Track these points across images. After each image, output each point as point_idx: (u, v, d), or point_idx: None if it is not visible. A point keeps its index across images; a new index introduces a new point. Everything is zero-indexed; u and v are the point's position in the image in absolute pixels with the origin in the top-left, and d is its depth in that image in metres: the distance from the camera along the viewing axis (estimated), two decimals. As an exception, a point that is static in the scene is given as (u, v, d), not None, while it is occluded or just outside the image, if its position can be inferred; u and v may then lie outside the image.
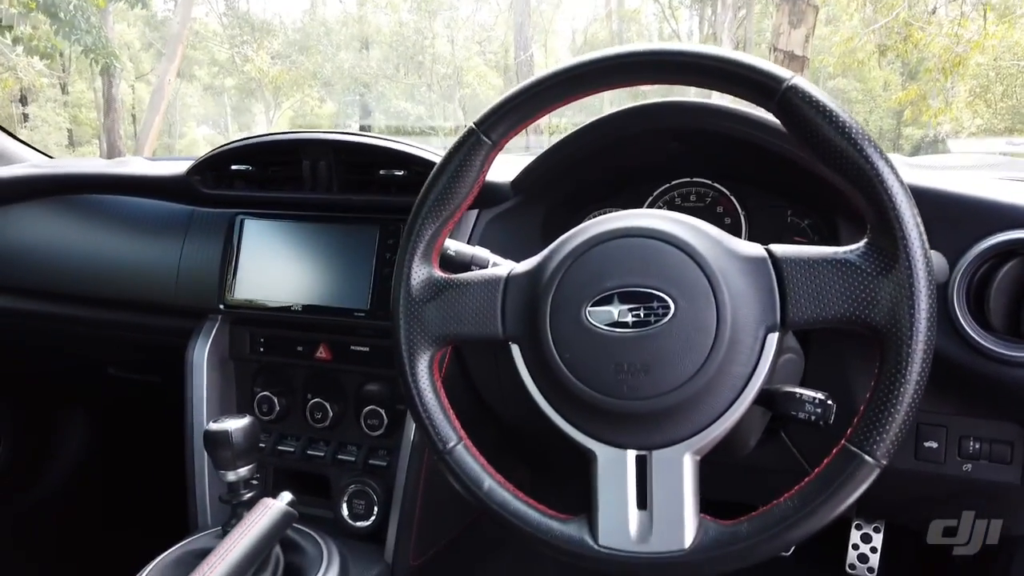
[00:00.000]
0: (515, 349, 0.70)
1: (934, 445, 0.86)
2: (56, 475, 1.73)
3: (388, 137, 1.01)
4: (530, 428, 1.06)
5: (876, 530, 1.33)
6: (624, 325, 0.63)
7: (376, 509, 1.01)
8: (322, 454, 1.07)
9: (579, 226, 0.70)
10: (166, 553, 0.93)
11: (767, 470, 0.97)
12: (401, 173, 0.99)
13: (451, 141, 0.73)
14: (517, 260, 0.78)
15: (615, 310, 0.64)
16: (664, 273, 0.63)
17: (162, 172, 1.14)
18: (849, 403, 0.82)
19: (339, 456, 1.06)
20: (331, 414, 1.06)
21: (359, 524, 1.02)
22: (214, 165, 1.09)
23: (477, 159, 0.71)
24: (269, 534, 0.73)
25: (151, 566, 0.90)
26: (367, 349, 1.05)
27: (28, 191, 1.26)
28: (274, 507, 0.74)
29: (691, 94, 0.87)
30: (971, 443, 0.85)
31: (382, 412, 1.03)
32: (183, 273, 1.11)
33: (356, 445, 1.06)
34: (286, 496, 0.77)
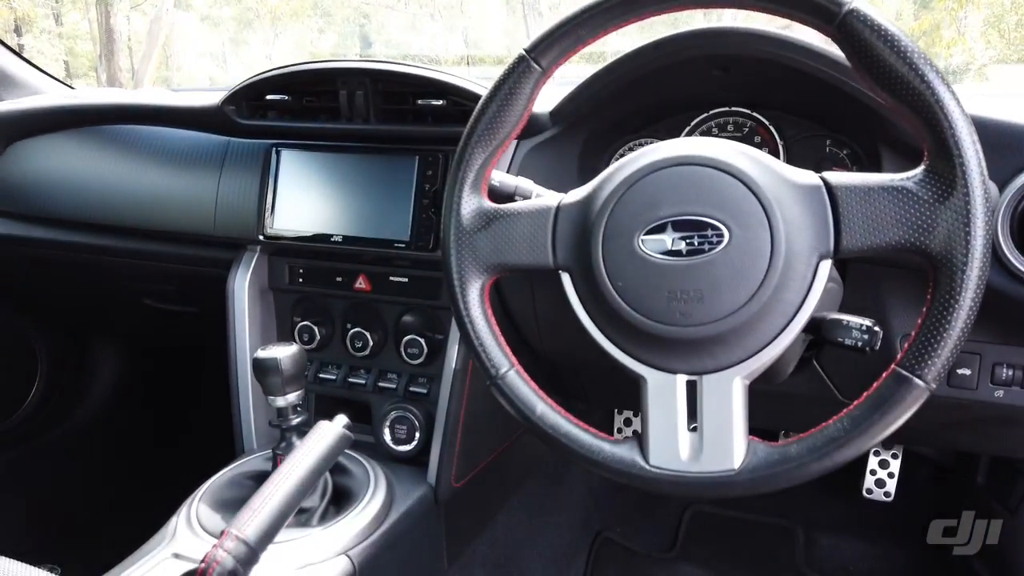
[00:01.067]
0: (565, 278, 0.71)
1: (967, 372, 0.88)
2: (94, 402, 1.78)
3: (426, 66, 1.00)
4: (564, 358, 1.09)
5: (894, 456, 1.37)
6: (677, 253, 0.64)
7: (417, 434, 1.04)
8: (363, 382, 1.09)
9: (630, 155, 0.70)
10: (219, 474, 0.96)
11: (796, 398, 0.99)
12: (440, 103, 0.99)
13: (455, 72, 0.71)
14: (555, 190, 0.78)
15: (668, 238, 0.65)
16: (718, 201, 0.64)
17: (196, 103, 1.13)
18: (885, 331, 0.84)
19: (380, 384, 1.09)
20: (371, 343, 1.08)
21: (401, 448, 1.05)
22: (249, 95, 1.08)
23: (527, 86, 0.71)
24: (328, 455, 0.75)
25: (205, 486, 0.93)
26: (406, 280, 1.06)
27: (60, 121, 1.26)
28: (332, 430, 0.77)
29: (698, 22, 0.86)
30: (1004, 370, 0.87)
31: (422, 341, 1.05)
32: (221, 204, 1.11)
33: (396, 373, 1.09)
34: (342, 419, 0.79)
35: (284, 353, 0.86)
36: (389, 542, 0.89)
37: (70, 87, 1.54)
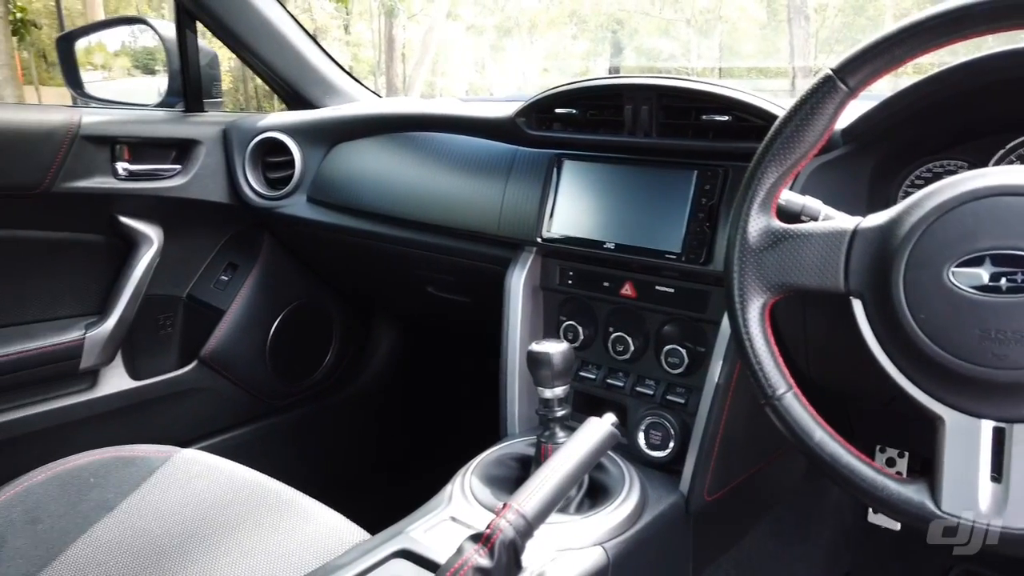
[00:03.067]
0: (857, 305, 0.69)
1: None
2: (374, 372, 2.02)
3: (712, 82, 1.02)
4: (832, 386, 1.04)
5: None
6: (995, 290, 0.60)
7: (672, 442, 1.06)
8: (621, 384, 1.13)
9: (943, 182, 0.66)
10: (487, 452, 1.05)
11: None
12: (724, 118, 1.00)
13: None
14: (842, 212, 0.76)
15: (985, 272, 0.61)
16: None
17: (488, 114, 1.25)
18: None
19: (637, 388, 1.11)
20: (631, 348, 1.12)
21: (654, 454, 1.08)
22: (539, 108, 1.17)
23: (830, 106, 0.70)
24: (598, 450, 0.80)
25: (476, 461, 1.02)
26: (672, 290, 1.08)
27: (373, 127, 1.45)
28: (603, 427, 0.81)
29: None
30: None
31: (683, 352, 1.07)
32: (506, 207, 1.21)
33: (654, 380, 1.11)
34: (610, 418, 0.83)
35: (556, 349, 0.92)
36: (641, 542, 0.92)
37: (377, 95, 1.76)
